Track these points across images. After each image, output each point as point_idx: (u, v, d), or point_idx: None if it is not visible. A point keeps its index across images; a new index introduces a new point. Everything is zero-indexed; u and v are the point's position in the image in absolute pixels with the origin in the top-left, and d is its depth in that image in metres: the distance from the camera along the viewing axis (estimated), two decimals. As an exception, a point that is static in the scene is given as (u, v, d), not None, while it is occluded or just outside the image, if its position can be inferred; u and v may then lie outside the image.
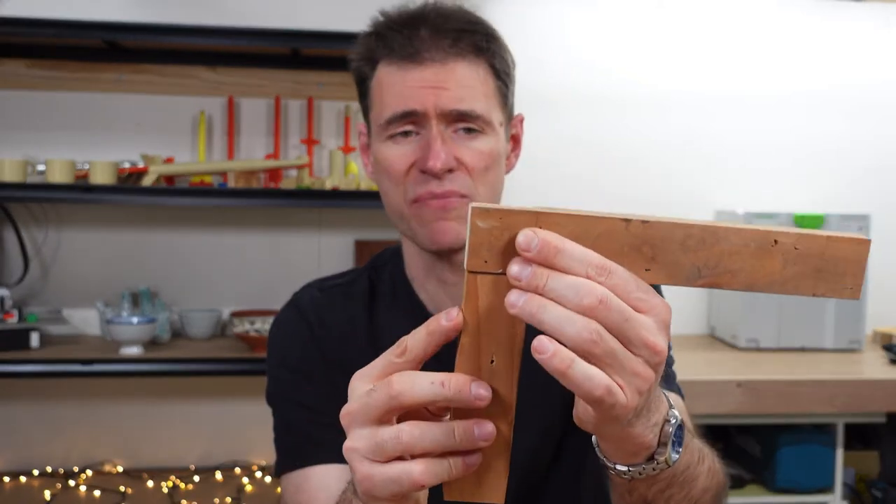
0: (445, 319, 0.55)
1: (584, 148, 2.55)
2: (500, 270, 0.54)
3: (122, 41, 2.25)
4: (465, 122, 0.93)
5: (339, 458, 0.98)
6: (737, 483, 2.20)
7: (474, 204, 0.54)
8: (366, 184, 2.26)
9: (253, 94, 2.43)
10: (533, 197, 2.51)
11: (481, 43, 0.95)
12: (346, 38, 2.18)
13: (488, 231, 0.53)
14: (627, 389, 0.53)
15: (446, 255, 0.99)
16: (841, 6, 2.65)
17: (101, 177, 2.15)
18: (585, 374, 0.52)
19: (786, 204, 2.57)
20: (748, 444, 2.27)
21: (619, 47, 2.57)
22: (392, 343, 1.04)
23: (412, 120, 0.93)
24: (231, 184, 2.27)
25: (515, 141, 1.05)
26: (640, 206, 2.57)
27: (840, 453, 2.13)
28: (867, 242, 0.56)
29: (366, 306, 1.06)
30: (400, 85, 0.93)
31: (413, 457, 0.56)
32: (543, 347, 0.51)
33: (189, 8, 2.38)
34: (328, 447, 0.98)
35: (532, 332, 0.54)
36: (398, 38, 0.94)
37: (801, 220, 2.35)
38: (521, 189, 2.48)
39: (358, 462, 0.57)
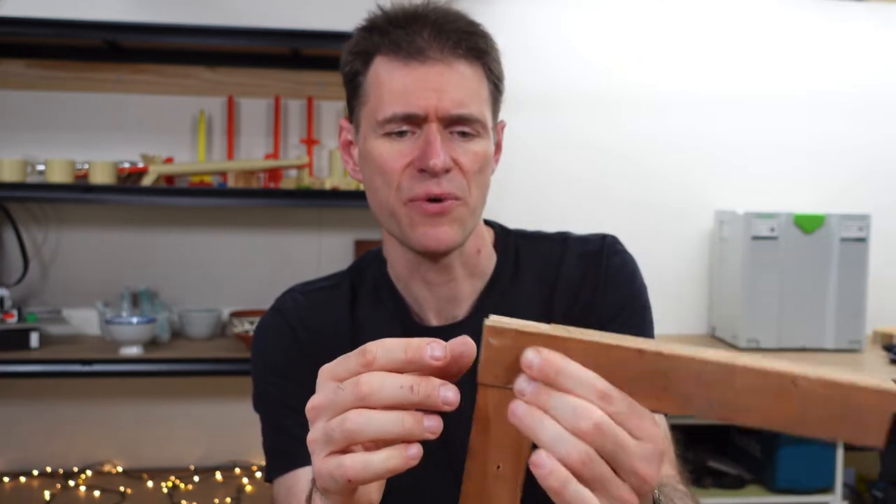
0: (430, 356, 0.56)
1: (584, 148, 2.55)
2: (510, 385, 0.55)
3: (122, 41, 2.25)
4: (463, 125, 0.93)
5: None
6: (737, 483, 2.20)
7: (489, 322, 0.55)
8: (366, 184, 2.26)
9: (253, 94, 2.43)
10: (534, 196, 2.51)
11: (482, 45, 0.95)
12: (347, 38, 2.20)
13: (500, 349, 0.55)
14: None
15: (434, 256, 0.98)
16: (841, 6, 2.65)
17: (100, 177, 2.15)
18: (578, 498, 0.53)
19: (786, 204, 2.57)
20: (748, 444, 2.27)
21: (618, 47, 2.57)
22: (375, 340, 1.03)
23: (412, 121, 0.92)
24: (231, 184, 2.27)
25: (497, 147, 1.04)
26: (641, 206, 2.57)
27: (840, 453, 2.13)
28: (895, 396, 0.52)
29: (348, 308, 1.06)
30: (401, 83, 0.92)
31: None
32: (542, 463, 0.53)
33: (189, 8, 2.38)
34: None
35: None
36: (401, 34, 0.92)
37: (801, 220, 2.35)
38: (521, 189, 2.49)
39: (315, 455, 0.58)
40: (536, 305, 1.04)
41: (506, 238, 1.08)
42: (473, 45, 0.94)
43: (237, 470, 2.37)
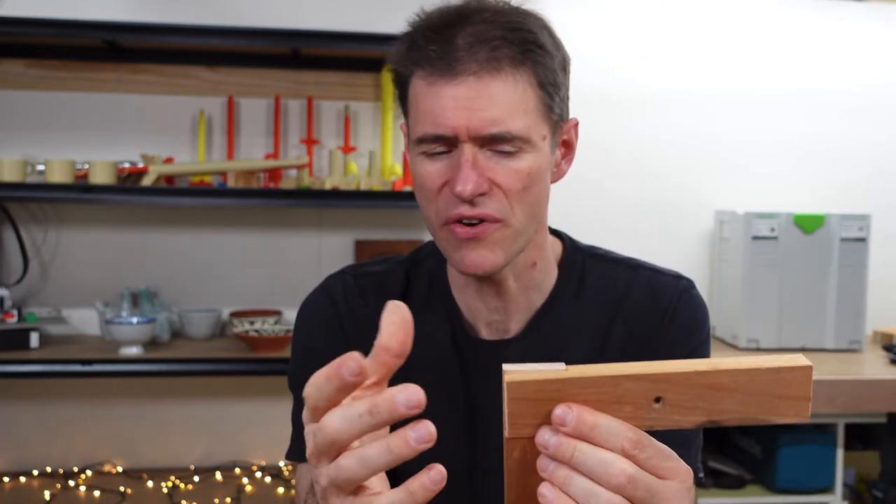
0: (350, 374, 0.53)
1: (585, 148, 2.52)
2: (533, 434, 0.57)
3: (122, 41, 2.25)
4: (501, 144, 0.87)
5: None
6: (737, 483, 2.20)
7: (508, 377, 0.55)
8: (366, 184, 2.26)
9: (253, 94, 2.43)
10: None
11: (520, 54, 0.87)
12: (347, 38, 2.21)
13: (523, 401, 0.56)
14: None
15: (477, 277, 0.95)
16: (841, 6, 2.65)
17: (100, 177, 2.15)
18: None
19: (786, 204, 2.57)
20: (748, 444, 2.27)
21: (619, 46, 2.57)
22: (421, 347, 1.01)
23: (444, 142, 0.88)
24: (231, 184, 2.27)
25: (568, 147, 1.00)
26: (641, 206, 2.57)
27: (840, 453, 2.13)
28: (808, 368, 0.57)
29: (399, 300, 1.03)
30: (431, 102, 0.87)
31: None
32: (543, 494, 0.56)
33: (189, 8, 2.37)
34: None
35: None
36: (432, 48, 0.86)
37: (801, 220, 2.35)
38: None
39: (333, 498, 0.57)
40: (593, 333, 1.00)
41: (574, 255, 1.03)
42: (510, 54, 0.86)
43: (237, 470, 2.37)
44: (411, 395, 0.52)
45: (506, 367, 0.56)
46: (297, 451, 1.02)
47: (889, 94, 2.68)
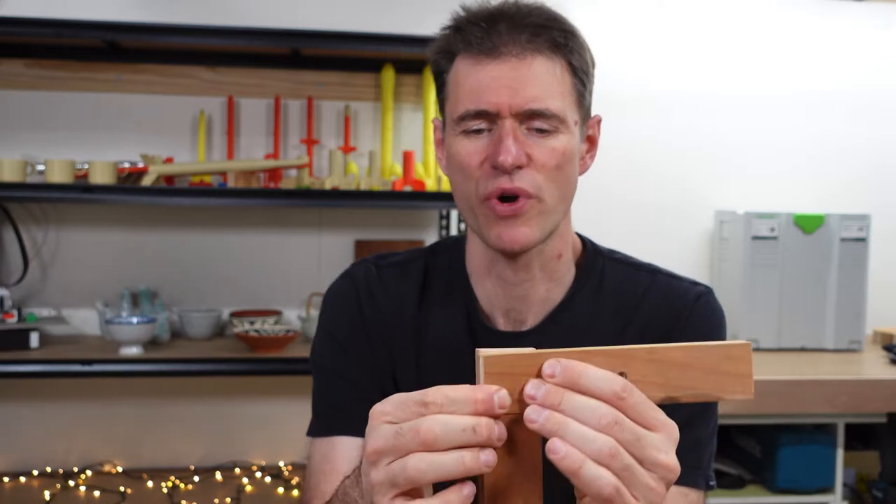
0: (499, 406, 0.58)
1: (585, 148, 2.55)
2: (518, 412, 0.59)
3: (122, 41, 2.25)
4: (538, 120, 0.92)
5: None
6: (737, 483, 2.20)
7: (485, 356, 0.58)
8: (366, 184, 2.26)
9: (253, 94, 2.43)
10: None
11: (559, 39, 0.94)
12: (347, 38, 2.21)
13: (499, 378, 0.59)
14: (640, 499, 0.59)
15: (512, 255, 0.98)
16: (841, 6, 2.65)
17: (100, 177, 2.15)
18: (595, 474, 0.57)
19: (786, 204, 2.57)
20: (748, 444, 2.27)
21: (618, 47, 2.57)
22: (437, 334, 1.03)
23: (486, 118, 0.92)
24: (231, 184, 2.27)
25: (591, 142, 1.03)
26: (641, 206, 2.57)
27: (840, 453, 2.13)
28: (747, 345, 0.63)
29: (417, 291, 1.06)
30: (475, 80, 0.92)
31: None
32: (556, 448, 0.57)
33: (189, 8, 2.38)
34: (359, 420, 0.99)
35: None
36: (476, 32, 0.92)
37: (801, 220, 2.35)
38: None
39: (381, 496, 0.60)
40: (608, 335, 1.02)
41: (594, 256, 1.06)
42: (549, 38, 0.93)
43: (237, 470, 2.37)
44: (504, 430, 0.58)
45: (480, 350, 0.59)
46: (315, 430, 1.06)
47: (889, 94, 2.68)
